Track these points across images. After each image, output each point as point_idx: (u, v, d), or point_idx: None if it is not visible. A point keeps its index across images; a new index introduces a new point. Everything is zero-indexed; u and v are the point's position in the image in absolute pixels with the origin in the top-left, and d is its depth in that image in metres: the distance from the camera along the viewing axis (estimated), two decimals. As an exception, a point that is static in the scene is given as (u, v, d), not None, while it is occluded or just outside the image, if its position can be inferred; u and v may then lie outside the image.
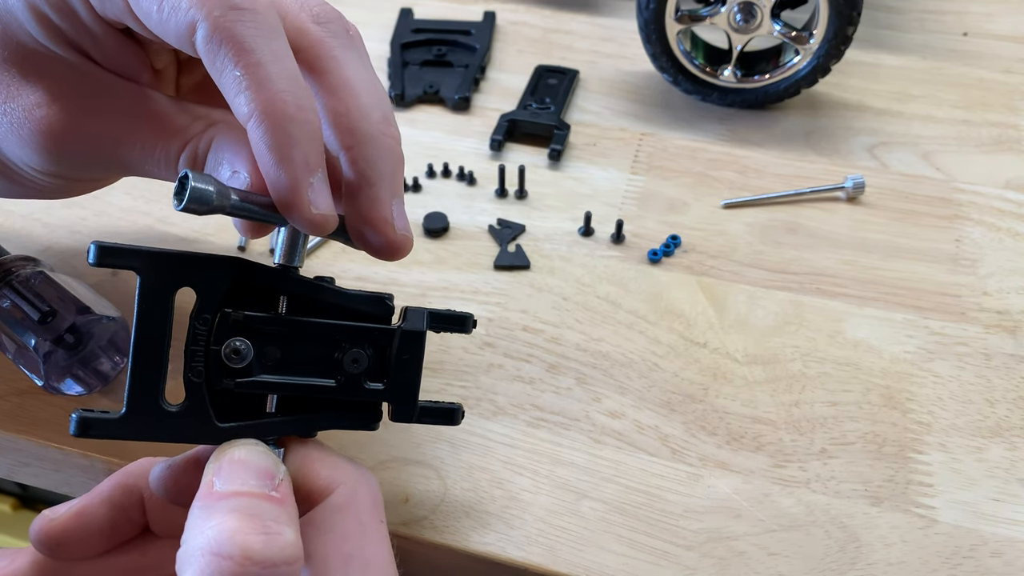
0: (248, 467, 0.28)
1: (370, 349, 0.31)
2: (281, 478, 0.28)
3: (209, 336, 0.29)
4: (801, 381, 0.44)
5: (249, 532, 0.25)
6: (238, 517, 0.25)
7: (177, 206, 0.27)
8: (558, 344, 0.46)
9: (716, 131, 0.59)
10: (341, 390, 0.31)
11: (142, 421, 0.29)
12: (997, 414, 0.43)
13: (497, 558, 0.37)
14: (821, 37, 0.55)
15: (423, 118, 0.60)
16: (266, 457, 0.29)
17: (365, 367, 0.31)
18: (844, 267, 0.50)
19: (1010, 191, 0.54)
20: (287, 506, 0.27)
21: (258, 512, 0.26)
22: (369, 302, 0.31)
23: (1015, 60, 0.65)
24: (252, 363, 0.30)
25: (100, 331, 0.41)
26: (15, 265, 0.43)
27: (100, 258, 0.28)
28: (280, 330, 0.30)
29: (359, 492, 0.30)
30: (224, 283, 0.30)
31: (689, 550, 0.38)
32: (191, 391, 0.30)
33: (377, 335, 0.31)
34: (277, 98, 0.29)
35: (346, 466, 0.30)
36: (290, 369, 0.30)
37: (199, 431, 0.30)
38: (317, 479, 0.30)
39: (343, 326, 0.31)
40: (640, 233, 0.52)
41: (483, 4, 0.70)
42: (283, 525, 0.26)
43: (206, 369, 0.29)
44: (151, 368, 0.29)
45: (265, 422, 0.30)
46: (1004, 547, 0.38)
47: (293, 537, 0.26)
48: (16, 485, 1.04)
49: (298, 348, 0.30)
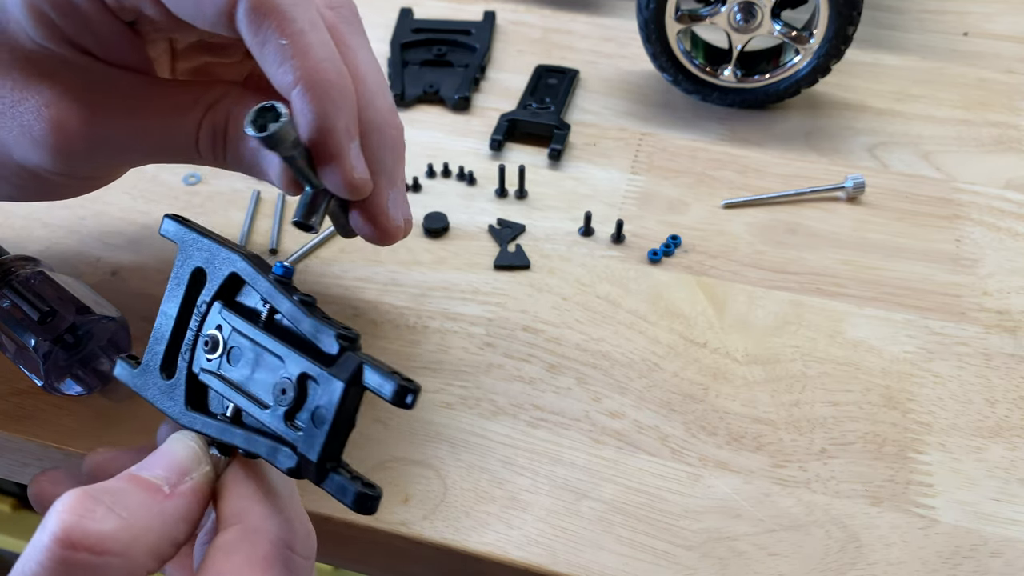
0: (164, 458, 0.28)
1: (299, 386, 0.28)
2: (194, 476, 0.28)
3: (201, 322, 0.30)
4: (801, 381, 0.44)
5: (74, 511, 0.24)
6: (84, 496, 0.25)
7: (256, 133, 0.28)
8: (558, 344, 0.46)
9: (716, 131, 0.59)
10: (271, 419, 0.28)
11: (145, 381, 0.31)
12: (997, 414, 0.43)
13: (497, 558, 0.37)
14: (821, 37, 0.55)
15: (423, 118, 0.60)
16: (188, 453, 0.28)
17: (289, 403, 0.28)
18: (844, 267, 0.50)
19: (1010, 191, 0.54)
20: (166, 502, 0.26)
21: (111, 496, 0.25)
22: (320, 334, 0.27)
23: (1015, 60, 0.65)
24: (220, 360, 0.30)
25: (100, 331, 0.41)
26: (15, 265, 0.43)
27: (164, 227, 0.32)
28: (247, 338, 0.29)
29: (255, 539, 0.27)
30: (223, 273, 0.30)
31: (689, 550, 0.38)
32: (179, 369, 0.31)
33: (307, 371, 0.27)
34: (320, 66, 0.30)
35: (259, 507, 0.28)
36: (244, 380, 0.29)
37: (173, 408, 0.31)
38: (225, 507, 0.28)
39: (286, 351, 0.28)
40: (640, 233, 0.52)
41: (483, 4, 0.70)
42: (115, 514, 0.25)
43: (191, 352, 0.30)
44: (162, 336, 0.31)
45: (215, 423, 0.30)
46: (1004, 547, 0.38)
47: (111, 527, 0.24)
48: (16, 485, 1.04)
49: (256, 362, 0.29)
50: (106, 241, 0.51)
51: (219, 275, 0.30)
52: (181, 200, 0.54)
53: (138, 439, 0.41)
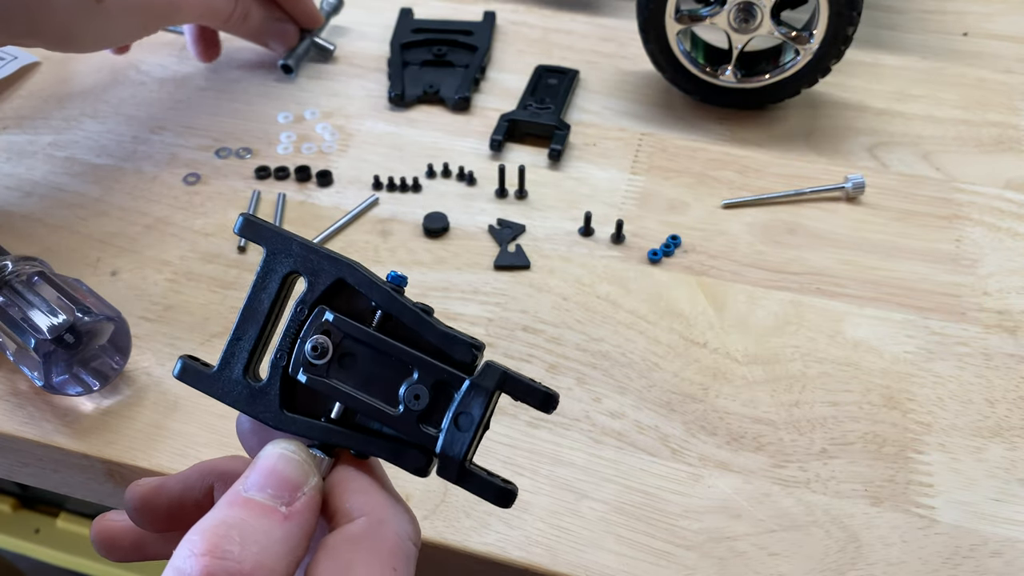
0: (273, 476, 0.28)
1: (434, 391, 0.30)
2: (306, 491, 0.28)
3: (301, 326, 0.30)
4: (801, 381, 0.44)
5: (213, 554, 0.25)
6: (214, 535, 0.25)
7: None
8: (558, 344, 0.46)
9: (716, 131, 0.59)
10: (398, 422, 0.30)
11: (224, 383, 0.31)
12: (997, 414, 0.43)
13: (497, 558, 0.37)
14: (821, 37, 0.55)
15: (423, 118, 0.60)
16: (298, 468, 0.28)
17: (424, 407, 0.30)
18: (844, 267, 0.50)
19: (1010, 191, 0.54)
20: (287, 524, 0.27)
21: (237, 531, 0.25)
22: (454, 343, 0.30)
23: (1015, 60, 0.65)
24: (329, 365, 0.30)
25: (100, 331, 0.41)
26: (15, 265, 0.43)
27: (243, 229, 0.31)
28: (364, 343, 0.30)
29: (382, 530, 0.28)
30: (329, 279, 0.30)
31: (689, 550, 0.38)
32: (272, 372, 0.31)
33: (446, 379, 0.30)
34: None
35: (382, 500, 0.29)
36: (361, 384, 0.30)
37: (265, 411, 0.31)
38: (344, 502, 0.29)
39: (419, 358, 0.30)
40: (640, 233, 0.52)
41: (483, 4, 0.70)
42: (249, 550, 0.25)
43: (288, 355, 0.30)
44: (247, 338, 0.31)
45: (321, 425, 0.30)
46: (1004, 547, 0.38)
47: (251, 566, 0.25)
48: (16, 485, 1.04)
49: (375, 367, 0.30)
50: (106, 241, 0.51)
51: (323, 281, 0.30)
52: (181, 200, 0.54)
53: (139, 440, 0.41)
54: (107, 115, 0.60)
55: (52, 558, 1.01)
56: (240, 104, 0.61)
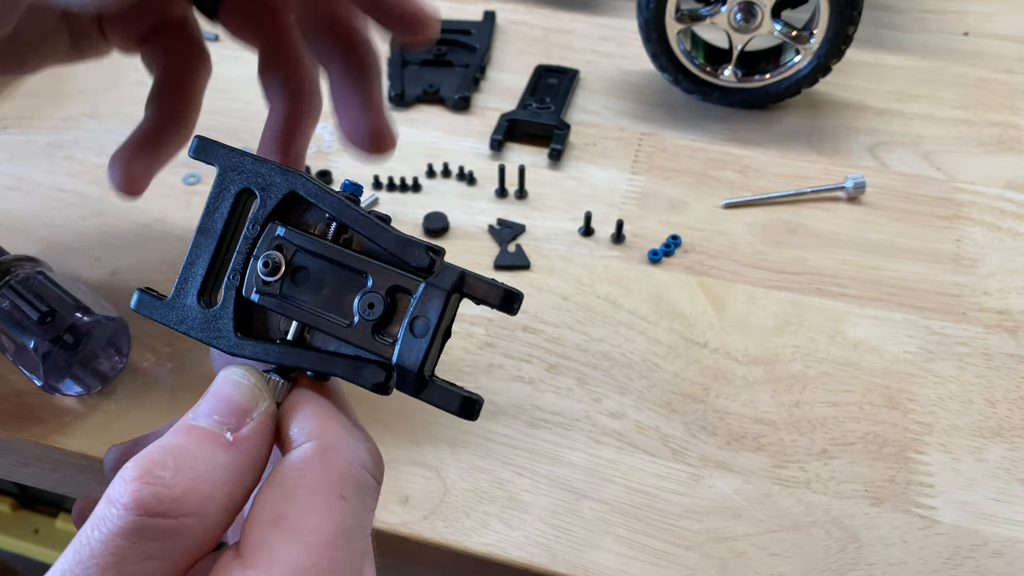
0: (219, 401, 0.26)
1: (389, 299, 0.28)
2: (255, 416, 0.26)
3: (255, 244, 0.29)
4: (801, 381, 0.44)
5: (142, 479, 0.23)
6: (147, 461, 0.24)
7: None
8: (558, 344, 0.46)
9: (716, 131, 0.59)
10: (353, 333, 0.28)
11: (179, 311, 0.29)
12: (998, 414, 0.42)
13: (497, 558, 0.37)
14: (821, 37, 0.55)
15: (423, 118, 0.60)
16: (246, 392, 0.27)
17: (379, 316, 0.28)
18: (844, 267, 0.50)
19: (1010, 191, 0.54)
20: (231, 450, 0.25)
21: (174, 456, 0.24)
22: (410, 247, 0.28)
23: (1015, 60, 0.65)
24: (283, 282, 0.28)
25: (99, 331, 0.41)
26: (15, 265, 0.43)
27: (196, 150, 0.29)
28: (317, 255, 0.28)
29: (330, 456, 0.26)
30: (281, 192, 0.29)
31: (689, 550, 0.38)
32: (227, 295, 0.29)
33: (401, 284, 0.28)
34: None
35: (334, 425, 0.27)
36: (316, 300, 0.28)
37: (219, 336, 0.29)
38: (294, 426, 0.27)
39: (372, 264, 0.28)
40: (640, 233, 0.52)
41: (483, 4, 0.70)
42: (183, 475, 0.24)
43: (242, 277, 0.29)
44: (200, 263, 0.29)
45: (276, 347, 0.28)
46: (1004, 547, 0.38)
47: (183, 490, 0.24)
48: (16, 485, 1.04)
49: (330, 280, 0.28)
50: (106, 241, 0.51)
51: (275, 195, 0.29)
52: (181, 200, 0.54)
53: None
54: (107, 115, 0.60)
55: (52, 558, 1.01)
56: (240, 104, 0.61)
